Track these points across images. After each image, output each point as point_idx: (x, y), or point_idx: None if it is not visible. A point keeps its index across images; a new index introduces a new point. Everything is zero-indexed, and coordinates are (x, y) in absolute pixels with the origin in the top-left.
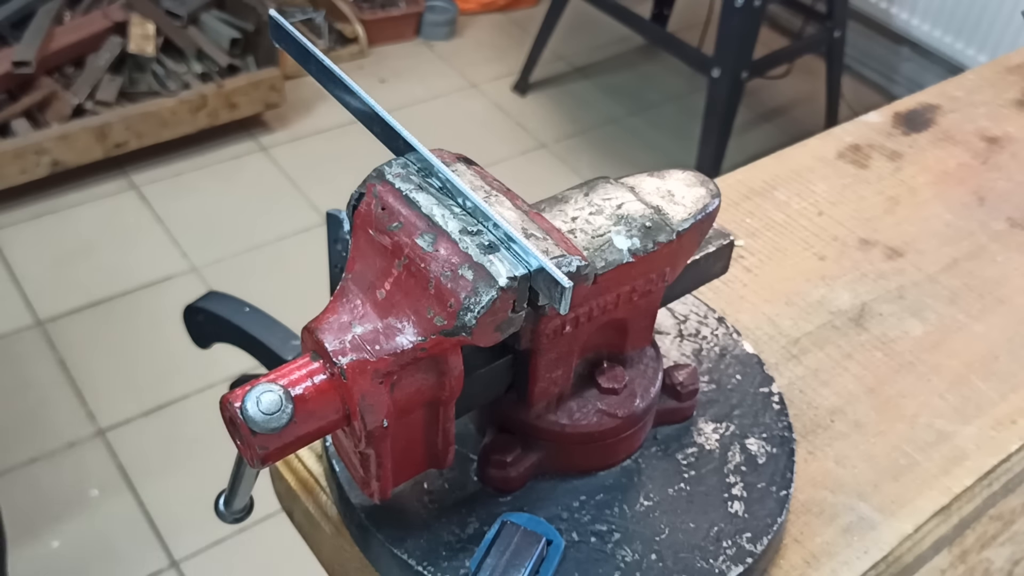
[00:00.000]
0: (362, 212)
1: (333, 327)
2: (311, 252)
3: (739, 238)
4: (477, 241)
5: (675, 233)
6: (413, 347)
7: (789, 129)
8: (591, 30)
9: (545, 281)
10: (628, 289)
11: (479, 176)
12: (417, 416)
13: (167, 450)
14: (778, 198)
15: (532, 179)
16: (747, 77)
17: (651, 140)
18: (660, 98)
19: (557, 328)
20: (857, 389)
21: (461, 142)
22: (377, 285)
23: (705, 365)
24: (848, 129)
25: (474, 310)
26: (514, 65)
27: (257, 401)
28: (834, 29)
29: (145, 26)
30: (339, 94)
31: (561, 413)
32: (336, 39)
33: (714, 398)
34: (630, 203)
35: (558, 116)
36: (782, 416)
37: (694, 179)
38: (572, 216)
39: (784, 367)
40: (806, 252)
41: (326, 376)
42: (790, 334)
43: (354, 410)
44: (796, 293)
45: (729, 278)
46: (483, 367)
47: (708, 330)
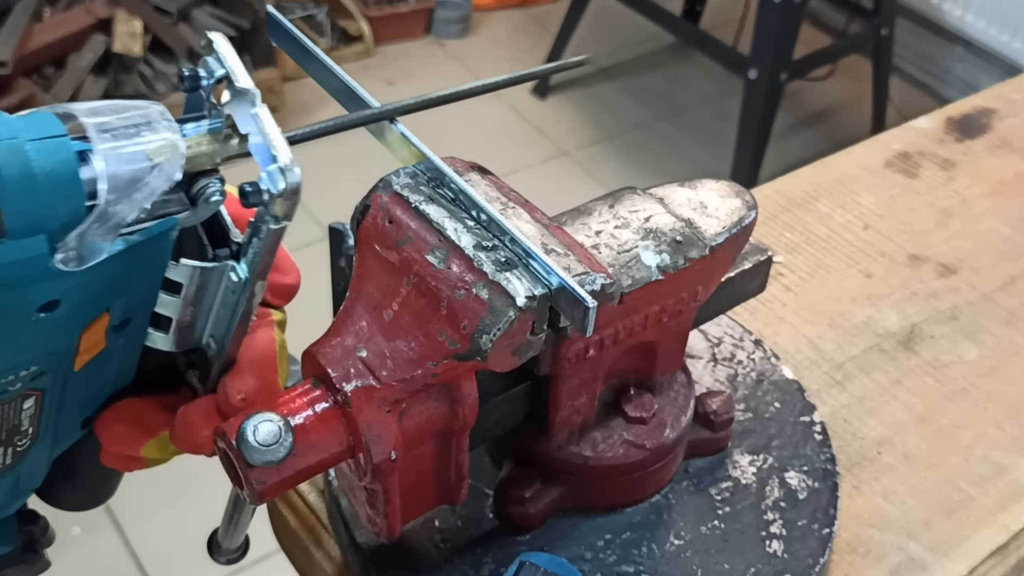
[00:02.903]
0: (368, 226)
1: (336, 351)
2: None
3: (778, 254)
4: (493, 257)
5: (708, 248)
6: (423, 373)
7: (832, 135)
8: (616, 28)
9: (567, 301)
10: (657, 309)
11: (495, 186)
12: (428, 448)
13: (155, 484)
14: (820, 210)
15: (552, 189)
16: (786, 79)
17: (682, 147)
18: (692, 101)
19: (580, 352)
20: (906, 418)
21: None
22: (384, 305)
23: (741, 392)
24: (896, 135)
25: (490, 332)
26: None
27: (254, 431)
28: (881, 26)
29: (131, 23)
30: (342, 98)
31: (584, 444)
32: (339, 37)
33: (750, 428)
34: (659, 216)
35: (581, 121)
36: (824, 447)
37: (729, 189)
38: (596, 230)
39: (827, 394)
40: (851, 269)
41: (329, 404)
42: (833, 358)
43: (359, 441)
44: (840, 314)
45: (767, 297)
46: (499, 394)
47: (744, 354)
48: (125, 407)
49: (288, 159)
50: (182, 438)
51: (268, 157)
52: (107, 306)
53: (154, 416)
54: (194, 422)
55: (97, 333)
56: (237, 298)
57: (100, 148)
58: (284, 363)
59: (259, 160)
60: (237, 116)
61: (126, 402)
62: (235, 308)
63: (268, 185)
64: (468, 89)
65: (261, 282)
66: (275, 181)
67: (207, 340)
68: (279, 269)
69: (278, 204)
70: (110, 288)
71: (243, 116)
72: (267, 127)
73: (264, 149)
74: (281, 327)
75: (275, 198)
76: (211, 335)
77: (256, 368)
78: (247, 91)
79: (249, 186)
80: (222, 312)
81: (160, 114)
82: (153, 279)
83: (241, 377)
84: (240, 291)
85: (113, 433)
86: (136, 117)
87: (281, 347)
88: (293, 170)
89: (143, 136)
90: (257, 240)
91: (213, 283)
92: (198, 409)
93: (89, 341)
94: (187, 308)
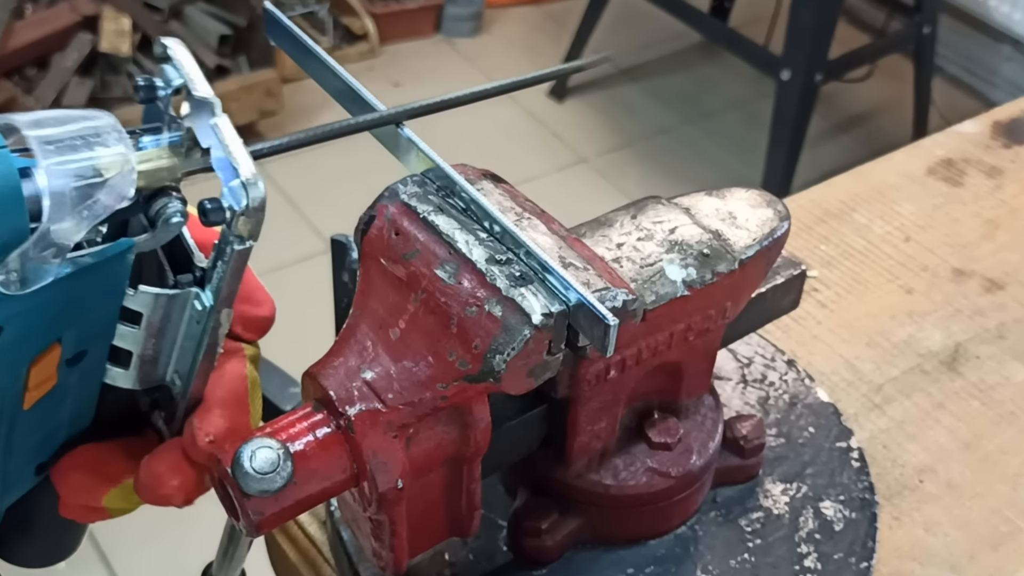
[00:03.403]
0: (373, 238)
1: (339, 372)
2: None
3: (812, 268)
4: (507, 271)
5: (737, 262)
6: (432, 395)
7: (871, 141)
8: (639, 25)
9: (586, 318)
10: (683, 327)
11: (509, 195)
12: (437, 476)
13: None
14: (858, 221)
15: (570, 199)
16: (822, 80)
17: (709, 153)
18: (720, 104)
19: (600, 373)
20: (950, 444)
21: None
22: (390, 323)
23: (772, 416)
24: (940, 141)
25: (503, 352)
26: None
27: (251, 458)
28: (923, 24)
29: (119, 21)
30: (345, 100)
31: (605, 472)
32: (342, 36)
33: (783, 454)
34: (685, 227)
35: (601, 125)
36: (862, 475)
37: (760, 199)
38: (617, 242)
39: (865, 418)
40: (890, 284)
41: (331, 429)
42: (872, 380)
43: (363, 469)
44: (879, 332)
45: (800, 314)
46: (514, 418)
47: (776, 375)
48: (84, 453)
49: (251, 172)
50: (147, 490)
51: (230, 171)
52: (58, 336)
53: (116, 463)
54: (159, 472)
55: (48, 367)
56: (202, 328)
57: (43, 163)
58: (256, 401)
59: (221, 175)
60: (197, 128)
61: (85, 448)
62: (200, 340)
63: (230, 201)
64: (480, 91)
65: (227, 310)
66: (237, 197)
67: (171, 376)
68: (251, 300)
69: (241, 222)
70: (60, 316)
71: (203, 128)
72: (227, 138)
73: (226, 163)
74: (253, 363)
75: (238, 216)
76: (175, 371)
77: (225, 406)
78: (206, 100)
79: (209, 203)
80: (186, 345)
81: (111, 126)
82: (109, 308)
83: (208, 417)
84: (205, 320)
85: (71, 482)
86: (83, 129)
87: (253, 384)
88: (257, 185)
89: (91, 149)
90: (222, 264)
91: (176, 312)
92: (163, 457)
93: (39, 376)
94: (149, 341)
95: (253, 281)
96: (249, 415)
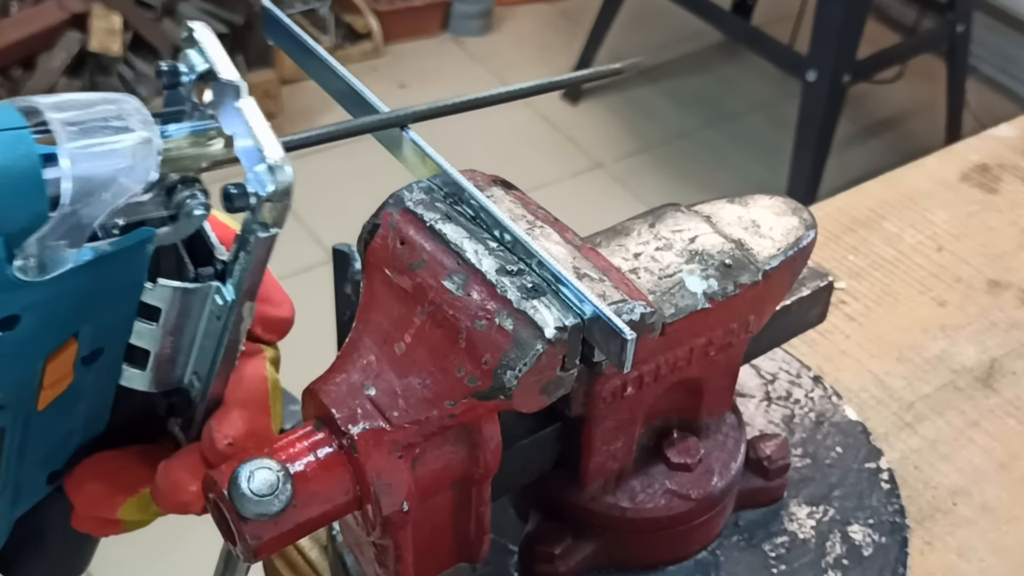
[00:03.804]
0: (376, 247)
1: (341, 389)
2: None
3: (840, 279)
4: (518, 283)
5: (761, 273)
6: (440, 413)
7: (901, 145)
8: (657, 24)
9: (602, 332)
10: (703, 342)
11: (520, 203)
12: (445, 498)
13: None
14: (888, 230)
15: (585, 206)
16: (850, 81)
17: (731, 158)
18: (743, 107)
19: (617, 390)
20: (985, 465)
21: (498, 161)
22: (395, 337)
23: (798, 435)
24: (974, 145)
25: (515, 368)
26: (563, 66)
27: (248, 480)
28: (956, 22)
29: (110, 18)
30: (347, 102)
31: (621, 494)
32: (345, 35)
33: (809, 476)
34: (706, 236)
35: (617, 129)
36: (893, 498)
37: (784, 206)
38: (635, 252)
39: (895, 438)
40: (922, 296)
41: (333, 449)
42: (903, 397)
43: (367, 491)
44: (910, 347)
45: (828, 328)
46: (526, 438)
47: (801, 392)
48: (98, 462)
49: (278, 156)
50: (165, 497)
51: (255, 156)
52: (75, 330)
53: (132, 471)
54: (178, 477)
55: (64, 364)
56: (223, 325)
57: (66, 146)
58: (277, 404)
59: (245, 161)
60: (221, 114)
61: (100, 456)
62: (221, 337)
63: (255, 187)
64: (490, 96)
65: (249, 303)
66: (263, 182)
67: (190, 378)
68: (270, 300)
69: (267, 209)
70: (78, 308)
71: (227, 113)
72: (253, 121)
73: (251, 148)
74: (274, 365)
75: (263, 202)
76: (194, 372)
77: (245, 408)
78: (231, 83)
79: (234, 188)
80: (206, 344)
81: (135, 109)
82: (127, 302)
83: (228, 419)
84: (226, 316)
85: (86, 492)
86: (107, 112)
87: (274, 386)
88: (284, 168)
89: (115, 133)
90: (244, 254)
91: (196, 308)
92: (182, 462)
93: (55, 373)
94: (167, 339)
95: (271, 281)
96: (270, 418)
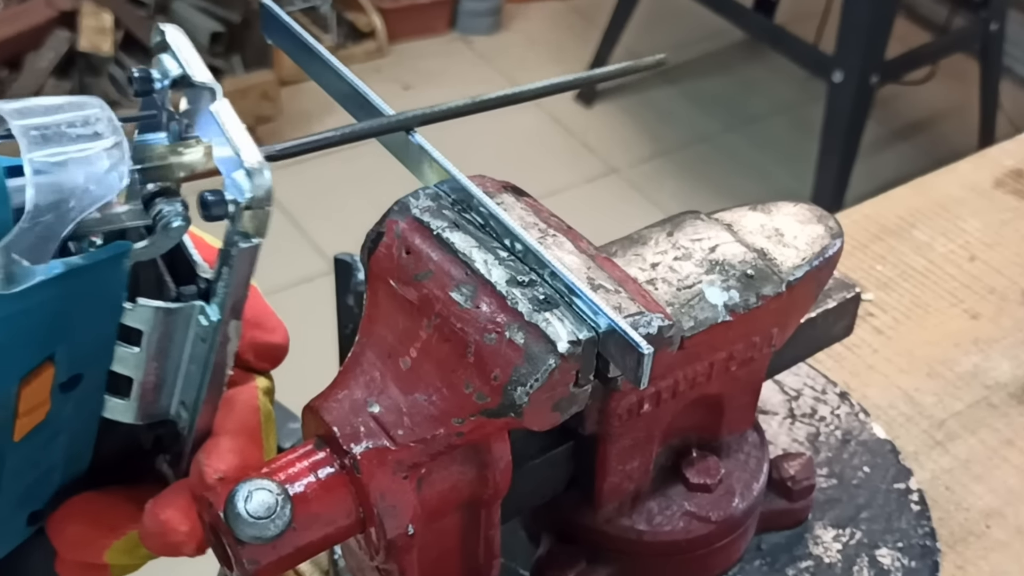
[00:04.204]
0: (381, 257)
1: (343, 406)
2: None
3: (867, 290)
4: (530, 294)
5: (785, 284)
6: (447, 432)
7: (932, 149)
8: (676, 22)
9: (617, 346)
10: (724, 356)
11: (532, 210)
12: (452, 521)
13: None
14: (918, 238)
15: (600, 213)
16: (878, 82)
17: (753, 163)
18: (765, 109)
19: (633, 407)
20: (1020, 486)
21: (508, 166)
22: (400, 351)
23: (823, 454)
24: (1008, 149)
25: (526, 384)
26: (576, 66)
27: (246, 501)
28: (990, 20)
29: (100, 16)
30: (350, 105)
31: (638, 516)
32: (347, 33)
33: (835, 497)
34: (727, 245)
35: (633, 132)
36: (923, 520)
37: (809, 214)
38: (652, 262)
39: (926, 457)
40: (954, 308)
41: (334, 469)
42: (934, 414)
43: (370, 513)
44: (941, 361)
45: (855, 342)
46: (537, 457)
47: (827, 409)
48: (82, 502)
49: (255, 160)
50: (154, 538)
51: (233, 161)
52: (50, 352)
53: (118, 512)
54: (167, 517)
55: (40, 389)
56: (209, 347)
57: (29, 154)
58: (271, 437)
59: (223, 168)
60: (197, 120)
61: (83, 496)
62: (207, 361)
63: (233, 194)
64: (500, 97)
65: (235, 322)
66: (241, 188)
67: (176, 409)
68: (262, 326)
69: (247, 217)
70: (52, 328)
71: (203, 119)
72: (228, 124)
73: (229, 154)
74: (268, 395)
75: (242, 209)
76: (181, 401)
77: (236, 440)
78: (205, 86)
79: (211, 195)
80: (192, 369)
81: (102, 112)
82: (105, 322)
83: (218, 452)
84: (212, 337)
85: (69, 535)
86: (74, 119)
87: (267, 417)
88: (263, 173)
89: (82, 141)
90: (227, 268)
91: (179, 330)
92: (170, 500)
93: (31, 399)
94: (150, 364)
95: (263, 306)
96: (263, 450)
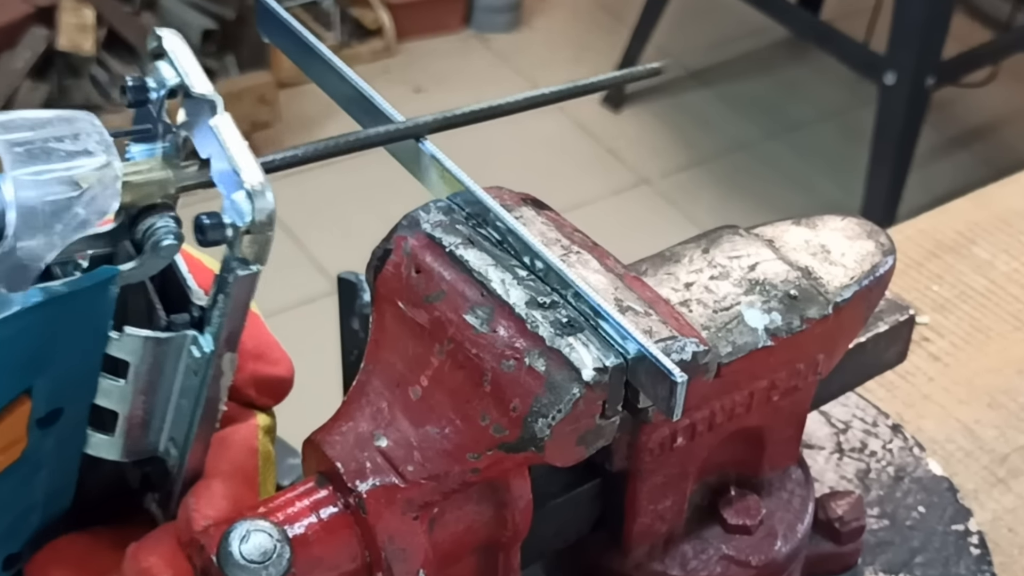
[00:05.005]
0: (388, 276)
1: (348, 439)
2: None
3: (922, 313)
4: (551, 317)
5: (831, 306)
6: (461, 468)
7: (993, 158)
8: (712, 19)
9: (648, 374)
10: (765, 385)
11: (554, 225)
12: (467, 565)
13: None
14: (978, 256)
15: (629, 228)
16: (934, 84)
17: (797, 173)
18: (811, 114)
19: (665, 440)
20: None
21: (528, 176)
22: (410, 380)
23: (875, 493)
24: None
25: (548, 415)
26: (603, 67)
27: (241, 544)
28: None
29: (81, 13)
30: (354, 109)
31: (671, 561)
32: (352, 31)
33: (887, 539)
34: (768, 263)
35: (665, 140)
36: (983, 564)
37: (859, 229)
38: (686, 282)
39: (987, 495)
40: (1018, 333)
41: (338, 509)
42: (995, 449)
43: (378, 557)
44: (1004, 391)
45: (908, 369)
46: (560, 496)
47: (878, 443)
48: (63, 545)
49: (257, 180)
50: None
51: (233, 181)
52: (27, 385)
53: (102, 556)
54: (148, 564)
55: (16, 425)
56: (201, 380)
57: (11, 172)
58: (269, 481)
59: (223, 188)
60: (195, 134)
61: (66, 539)
62: (199, 396)
63: (232, 217)
64: (519, 101)
65: (230, 355)
66: (241, 211)
67: (166, 446)
68: (265, 358)
69: (246, 242)
70: (29, 359)
71: (202, 132)
72: (228, 140)
73: (228, 172)
74: (268, 434)
75: (242, 233)
76: (171, 438)
77: (229, 483)
78: (205, 98)
79: (207, 218)
80: (183, 403)
81: (92, 127)
82: (88, 354)
83: (208, 496)
84: (204, 370)
85: None
86: (60, 132)
87: (266, 459)
88: (264, 195)
89: (69, 158)
90: (223, 296)
91: (170, 361)
92: (153, 546)
93: (5, 436)
94: (137, 398)
95: (266, 335)
96: (258, 496)
